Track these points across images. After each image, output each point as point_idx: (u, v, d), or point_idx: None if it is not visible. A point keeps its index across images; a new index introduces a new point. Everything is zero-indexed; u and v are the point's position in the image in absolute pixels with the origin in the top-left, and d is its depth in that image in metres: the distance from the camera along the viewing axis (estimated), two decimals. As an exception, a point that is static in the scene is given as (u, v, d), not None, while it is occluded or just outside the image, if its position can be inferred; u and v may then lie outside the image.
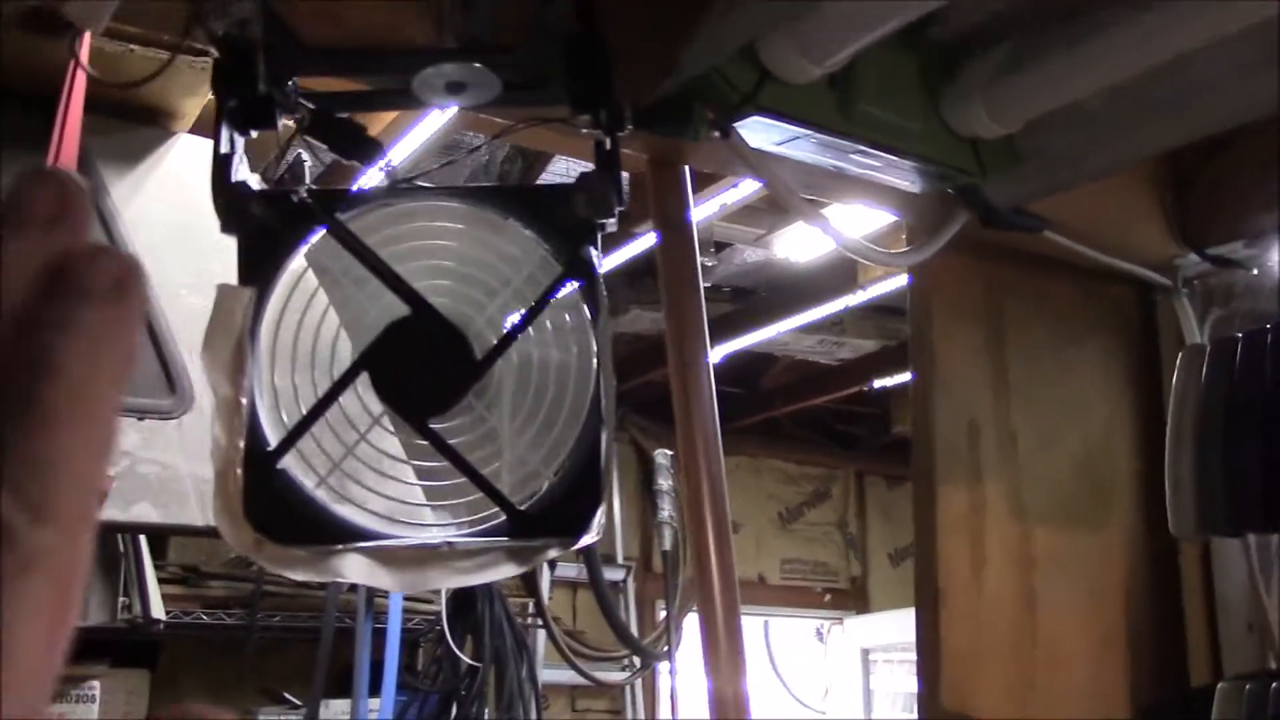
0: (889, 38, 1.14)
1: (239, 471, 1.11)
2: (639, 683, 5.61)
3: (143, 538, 3.68)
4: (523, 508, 1.14)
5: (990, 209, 1.41)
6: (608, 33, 1.15)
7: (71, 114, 1.74)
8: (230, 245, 1.13)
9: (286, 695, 4.26)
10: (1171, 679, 1.68)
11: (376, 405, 1.15)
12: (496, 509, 1.14)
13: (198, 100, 2.18)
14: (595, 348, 1.16)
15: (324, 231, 1.14)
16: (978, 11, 1.22)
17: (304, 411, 1.15)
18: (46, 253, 0.29)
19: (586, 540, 1.14)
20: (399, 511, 1.15)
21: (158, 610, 3.66)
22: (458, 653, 4.30)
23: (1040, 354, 1.74)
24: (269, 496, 1.12)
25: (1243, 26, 1.12)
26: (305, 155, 1.25)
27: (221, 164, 1.12)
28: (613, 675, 5.41)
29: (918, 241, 1.59)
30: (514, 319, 1.16)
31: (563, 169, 3.96)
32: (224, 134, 1.13)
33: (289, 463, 1.14)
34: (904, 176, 1.35)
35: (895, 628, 6.80)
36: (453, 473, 1.14)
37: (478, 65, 1.16)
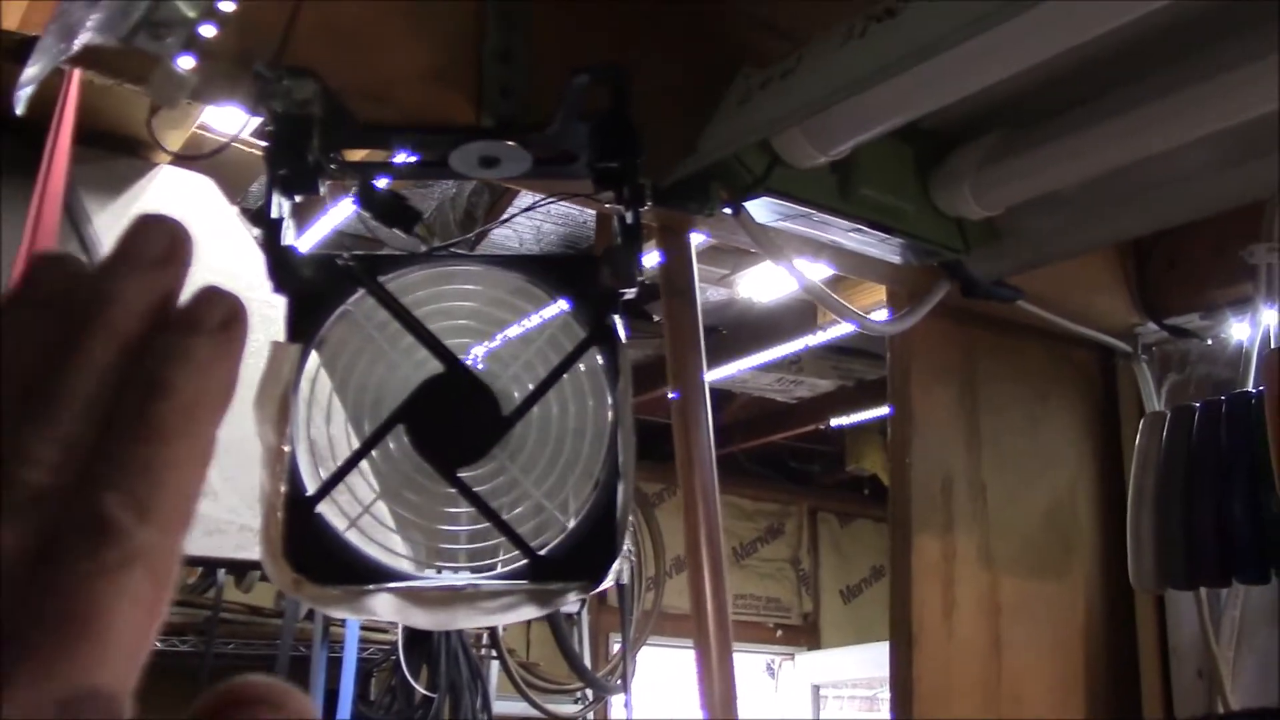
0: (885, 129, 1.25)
1: (280, 516, 1.19)
2: (591, 716, 5.63)
3: None
4: (542, 553, 1.23)
5: (971, 281, 1.53)
6: (634, 116, 1.25)
7: (60, 144, 1.80)
8: (210, 276, 1.21)
9: None
10: (1127, 720, 1.80)
11: (409, 455, 1.23)
12: (518, 553, 1.23)
13: (180, 133, 2.24)
14: (612, 405, 1.25)
15: (364, 292, 1.23)
16: (968, 105, 1.34)
17: (337, 461, 1.23)
18: (158, 289, 0.33)
19: (603, 586, 1.23)
20: (426, 555, 1.24)
21: None
22: (413, 683, 4.31)
23: (1010, 412, 1.86)
24: (306, 539, 1.20)
25: (1213, 129, 1.24)
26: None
27: (272, 228, 1.20)
28: (566, 708, 5.43)
29: (898, 305, 1.70)
30: (537, 377, 1.25)
31: (526, 200, 4.05)
32: (274, 199, 1.21)
33: (324, 508, 1.22)
34: (894, 251, 1.46)
35: (846, 663, 6.91)
36: (478, 519, 1.23)
37: (511, 144, 1.25)
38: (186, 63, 1.08)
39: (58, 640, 0.28)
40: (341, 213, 3.31)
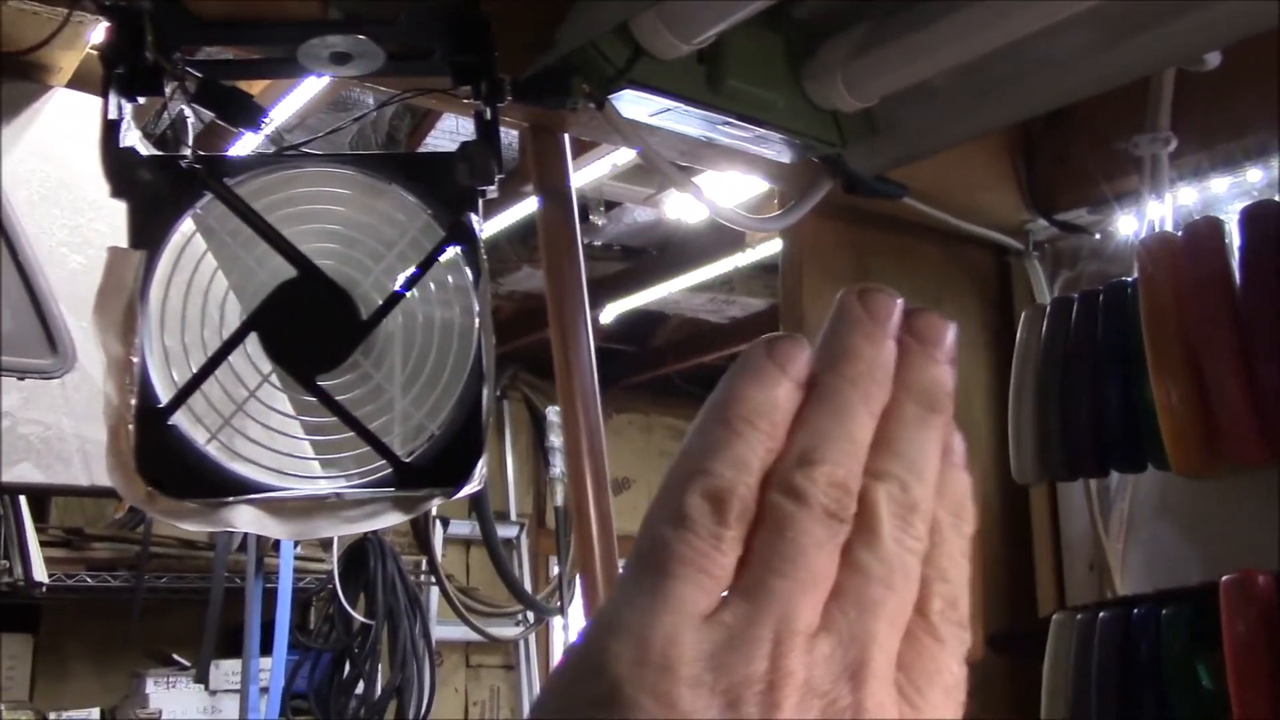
0: (754, 17, 1.21)
1: (131, 428, 1.16)
2: (533, 637, 5.66)
3: (23, 500, 3.60)
4: (408, 460, 1.20)
5: (852, 177, 1.50)
6: (487, 7, 1.21)
7: None
8: (107, 202, 1.17)
9: (175, 656, 4.22)
10: (1021, 614, 1.81)
11: (266, 363, 1.20)
12: (383, 462, 1.20)
13: (74, 55, 2.15)
14: (477, 308, 1.23)
15: (212, 196, 1.19)
16: (836, -7, 1.31)
17: (194, 370, 1.20)
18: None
19: (469, 490, 1.21)
20: (288, 465, 1.21)
21: (40, 573, 3.59)
22: (350, 610, 4.30)
23: (903, 313, 1.85)
24: (161, 451, 1.17)
25: (1074, 13, 1.22)
26: (188, 114, 1.28)
27: (110, 129, 1.15)
28: (506, 631, 5.46)
29: (788, 207, 1.67)
30: (400, 281, 1.22)
31: (451, 126, 3.97)
32: (112, 100, 1.16)
33: (180, 419, 1.19)
34: (771, 147, 1.43)
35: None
36: (340, 427, 1.20)
37: (361, 37, 1.20)
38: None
39: None
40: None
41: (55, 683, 4.14)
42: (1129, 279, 1.46)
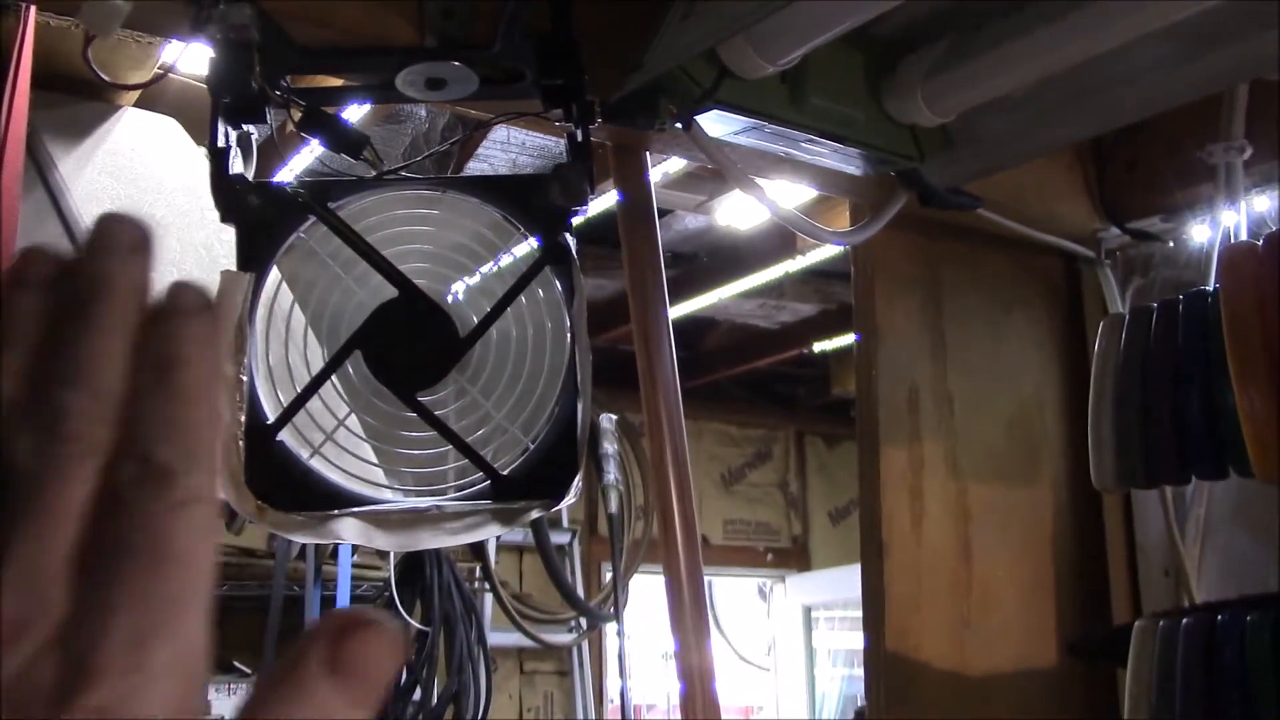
0: (834, 37, 1.24)
1: (241, 444, 1.20)
2: (586, 644, 5.69)
3: None
4: (505, 473, 1.24)
5: (928, 189, 1.52)
6: (577, 32, 1.24)
7: (19, 88, 1.79)
8: (176, 218, 1.21)
9: (236, 663, 4.28)
10: (1095, 620, 1.83)
11: (368, 381, 1.24)
12: (481, 475, 1.24)
13: (143, 74, 2.22)
14: (569, 324, 1.26)
15: (315, 219, 1.23)
16: (917, 10, 1.33)
17: (298, 389, 1.24)
18: (141, 272, 0.38)
19: (566, 502, 1.24)
20: (389, 479, 1.25)
21: None
22: (406, 617, 4.34)
23: (974, 322, 1.87)
24: (268, 467, 1.21)
25: (1159, 26, 1.24)
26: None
27: (219, 158, 1.20)
28: (560, 637, 5.48)
29: (861, 219, 1.70)
30: (496, 299, 1.26)
31: (503, 135, 4.02)
32: (220, 129, 1.21)
33: (286, 436, 1.23)
34: (849, 162, 1.46)
35: (835, 584, 6.99)
36: (440, 442, 1.24)
37: (456, 64, 1.24)
38: (120, -10, 1.07)
39: (149, 566, 0.33)
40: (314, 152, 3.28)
41: (119, 692, 4.21)
42: (1209, 288, 1.47)
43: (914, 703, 1.75)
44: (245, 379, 1.21)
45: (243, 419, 1.21)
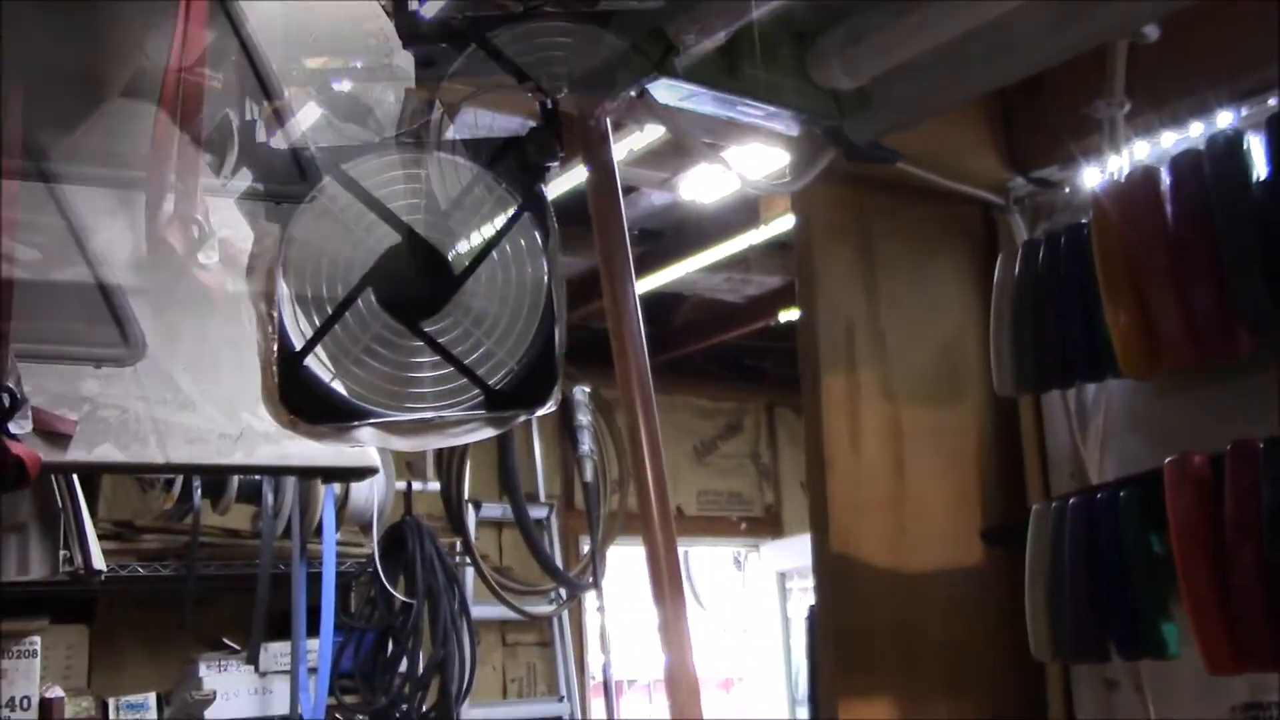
0: (763, 16, 1.49)
1: (275, 368, 1.44)
2: (566, 614, 5.79)
3: (79, 489, 3.71)
4: (497, 388, 1.48)
5: (851, 145, 1.78)
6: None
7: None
8: None
9: (226, 641, 4.34)
10: (1015, 515, 2.09)
11: (379, 313, 1.47)
12: (477, 390, 1.48)
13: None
14: (545, 262, 1.50)
15: (330, 179, 1.47)
16: (831, -8, 1.58)
17: (318, 322, 1.48)
18: None
19: (547, 409, 1.48)
20: (399, 395, 1.48)
21: (99, 561, 3.65)
22: (391, 590, 4.41)
23: (902, 264, 2.13)
24: (298, 387, 1.44)
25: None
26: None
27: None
28: (541, 608, 5.58)
29: (798, 172, 1.95)
30: (483, 242, 1.49)
31: (469, 120, 4.20)
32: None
33: (311, 361, 1.47)
34: (781, 122, 1.71)
35: (808, 550, 7.17)
36: (441, 364, 1.48)
37: (444, 46, 1.48)
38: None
39: None
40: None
41: (111, 670, 4.22)
42: (1085, 222, 1.73)
43: (856, 596, 2.01)
44: (276, 314, 1.44)
45: (275, 348, 1.44)
